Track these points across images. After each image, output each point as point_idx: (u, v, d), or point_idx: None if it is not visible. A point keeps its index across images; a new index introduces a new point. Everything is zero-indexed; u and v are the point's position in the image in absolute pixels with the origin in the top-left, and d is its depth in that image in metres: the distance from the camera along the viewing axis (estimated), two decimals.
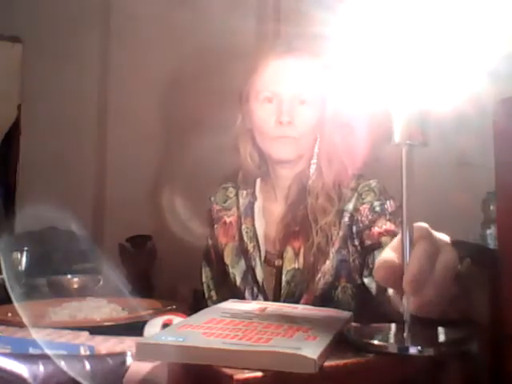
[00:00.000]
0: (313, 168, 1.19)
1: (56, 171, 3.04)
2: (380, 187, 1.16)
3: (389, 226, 1.09)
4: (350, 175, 1.18)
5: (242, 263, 1.23)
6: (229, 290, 1.24)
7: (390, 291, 0.67)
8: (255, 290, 1.20)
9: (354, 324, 0.72)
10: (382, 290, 0.91)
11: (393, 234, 1.05)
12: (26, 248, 1.43)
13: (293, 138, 1.15)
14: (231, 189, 1.32)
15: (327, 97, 1.18)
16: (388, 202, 1.13)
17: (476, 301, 0.65)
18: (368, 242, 1.09)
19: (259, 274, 1.19)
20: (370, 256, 1.07)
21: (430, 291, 0.57)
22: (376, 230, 1.09)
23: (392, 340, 0.59)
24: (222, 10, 2.53)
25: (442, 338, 0.61)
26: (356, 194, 1.15)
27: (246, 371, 0.49)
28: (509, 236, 0.56)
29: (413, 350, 0.55)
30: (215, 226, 1.31)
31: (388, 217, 1.10)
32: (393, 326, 0.64)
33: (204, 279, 1.33)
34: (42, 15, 3.04)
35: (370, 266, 1.05)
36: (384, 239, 1.06)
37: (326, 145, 1.19)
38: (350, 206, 1.15)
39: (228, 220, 1.29)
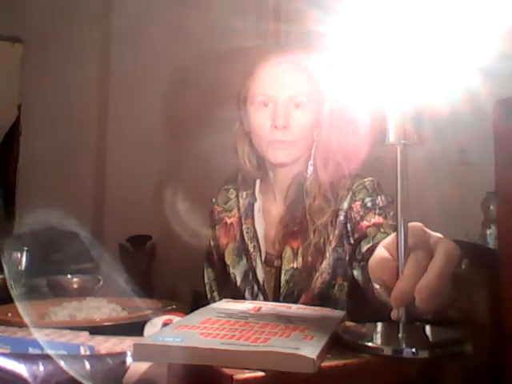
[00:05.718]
0: (310, 169, 1.20)
1: (56, 171, 3.04)
2: (373, 184, 1.16)
3: (377, 219, 1.09)
4: (346, 175, 1.18)
5: (243, 263, 1.23)
6: (230, 290, 1.24)
7: (377, 286, 0.67)
8: (255, 289, 1.20)
9: (348, 324, 0.72)
10: (368, 282, 0.90)
11: (379, 226, 1.06)
12: (25, 248, 1.42)
13: (288, 142, 1.15)
14: (232, 190, 1.33)
15: (324, 97, 1.18)
16: (379, 198, 1.13)
17: (475, 301, 0.65)
18: (356, 236, 1.10)
19: (260, 273, 1.20)
20: (357, 248, 1.07)
21: (433, 279, 0.56)
22: (365, 223, 1.10)
23: (387, 341, 0.59)
24: (223, 9, 2.53)
25: (437, 338, 0.60)
26: (350, 193, 1.16)
27: (246, 371, 0.49)
28: (509, 236, 0.56)
29: (407, 353, 0.55)
30: (216, 227, 1.31)
31: (378, 211, 1.11)
32: (387, 325, 0.63)
33: (206, 280, 1.33)
34: (42, 15, 3.04)
35: (358, 257, 1.05)
36: (369, 230, 1.06)
37: (321, 146, 1.19)
38: (345, 205, 1.15)
39: (229, 221, 1.29)
